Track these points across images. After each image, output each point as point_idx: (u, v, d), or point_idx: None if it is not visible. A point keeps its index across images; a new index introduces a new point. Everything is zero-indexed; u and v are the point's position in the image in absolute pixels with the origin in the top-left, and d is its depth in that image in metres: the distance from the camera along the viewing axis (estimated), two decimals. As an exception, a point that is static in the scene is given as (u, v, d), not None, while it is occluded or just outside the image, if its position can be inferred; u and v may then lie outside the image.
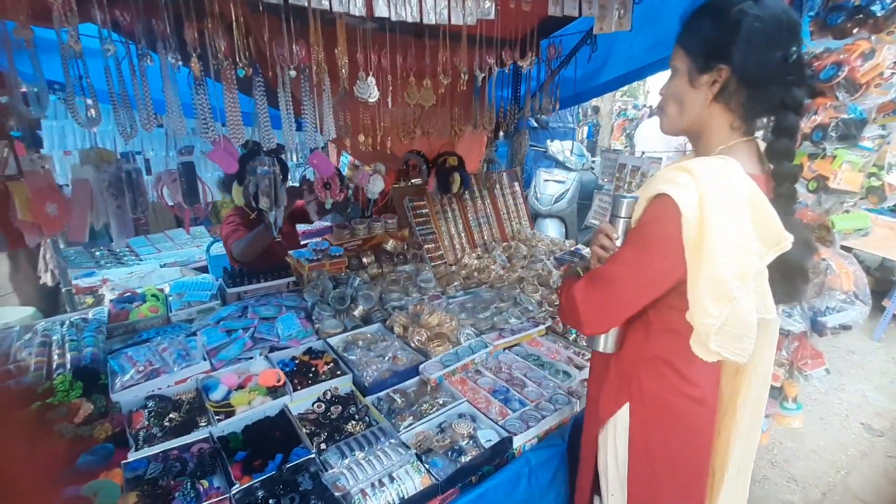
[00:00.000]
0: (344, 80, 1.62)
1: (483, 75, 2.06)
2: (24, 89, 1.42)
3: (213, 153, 1.52)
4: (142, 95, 1.42)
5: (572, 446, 1.48)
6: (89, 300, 3.85)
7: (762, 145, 1.07)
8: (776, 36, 0.94)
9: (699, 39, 1.00)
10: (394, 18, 1.45)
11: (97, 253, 4.57)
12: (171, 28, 1.35)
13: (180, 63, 1.36)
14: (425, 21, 1.49)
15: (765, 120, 1.06)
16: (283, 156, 1.87)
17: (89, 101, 1.40)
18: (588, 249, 1.22)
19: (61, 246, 3.86)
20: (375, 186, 2.29)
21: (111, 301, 2.10)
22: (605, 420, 1.19)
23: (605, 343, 1.17)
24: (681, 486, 1.16)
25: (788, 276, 1.05)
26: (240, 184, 1.78)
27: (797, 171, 1.03)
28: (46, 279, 3.50)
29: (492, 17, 1.61)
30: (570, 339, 2.00)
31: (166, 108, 1.47)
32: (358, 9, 1.40)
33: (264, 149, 1.63)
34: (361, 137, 1.90)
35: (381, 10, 1.43)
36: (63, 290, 3.36)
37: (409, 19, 1.47)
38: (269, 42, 1.49)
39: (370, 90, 1.68)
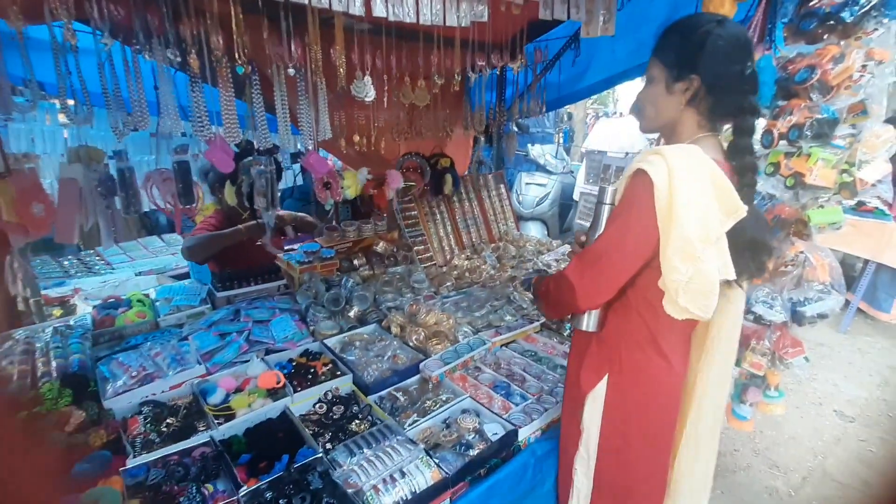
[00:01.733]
0: (341, 79, 1.62)
1: (475, 77, 2.10)
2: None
3: (210, 152, 1.50)
4: (135, 93, 1.39)
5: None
6: (57, 311, 3.68)
7: (724, 143, 1.23)
8: (735, 52, 1.11)
9: (673, 53, 1.16)
10: (391, 19, 1.47)
11: (66, 262, 4.38)
12: (169, 25, 1.33)
13: (178, 59, 1.34)
14: (422, 21, 1.51)
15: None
16: (277, 156, 1.85)
17: (72, 102, 1.36)
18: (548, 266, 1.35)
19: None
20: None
21: (94, 307, 2.02)
22: (587, 392, 1.28)
23: (588, 322, 1.27)
24: (649, 450, 1.29)
25: (755, 251, 1.21)
26: (233, 183, 1.75)
27: (756, 163, 1.20)
28: (17, 290, 3.32)
29: (485, 19, 1.65)
30: (565, 334, 2.04)
31: (159, 107, 1.45)
32: (357, 8, 1.41)
33: (259, 148, 1.62)
34: (356, 137, 1.91)
35: (379, 11, 1.44)
36: (31, 300, 3.21)
37: (407, 20, 1.49)
38: (266, 41, 1.49)
39: (367, 89, 1.69)
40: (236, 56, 1.41)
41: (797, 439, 2.89)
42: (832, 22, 1.62)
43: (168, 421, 1.40)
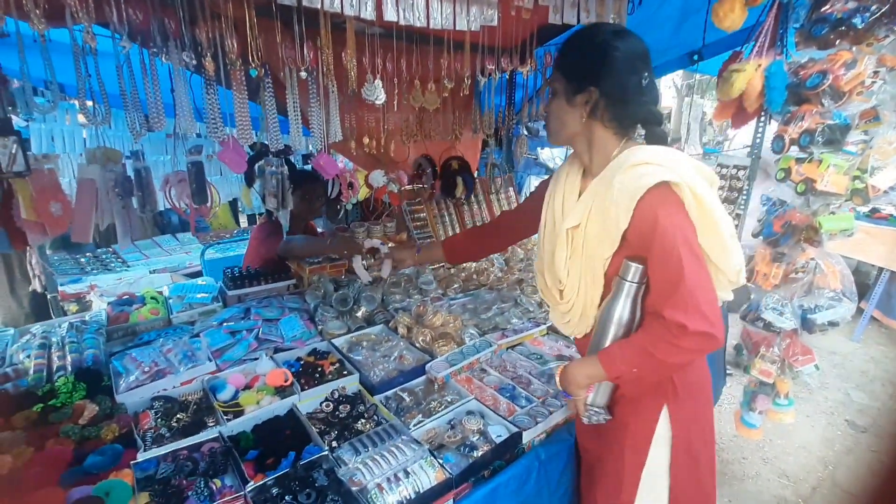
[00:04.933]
0: (352, 82, 1.65)
1: (485, 80, 2.12)
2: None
3: (223, 154, 1.53)
4: (152, 94, 1.42)
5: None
6: (74, 307, 3.76)
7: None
8: (633, 63, 1.09)
9: (573, 65, 1.15)
10: (402, 23, 1.49)
11: (82, 259, 4.47)
12: (185, 28, 1.36)
13: (193, 62, 1.37)
14: (432, 25, 1.53)
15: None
16: (290, 157, 1.88)
17: (91, 104, 1.40)
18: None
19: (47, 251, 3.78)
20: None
21: (109, 303, 2.07)
22: (651, 433, 1.19)
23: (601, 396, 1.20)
24: (711, 457, 1.26)
25: None
26: (249, 185, 1.78)
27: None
28: (36, 286, 3.42)
29: (494, 23, 1.66)
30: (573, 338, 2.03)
31: (175, 108, 1.48)
32: (368, 13, 1.43)
33: (272, 150, 1.65)
34: (366, 140, 1.93)
35: (390, 15, 1.47)
36: (49, 296, 3.28)
37: (417, 24, 1.51)
38: (279, 44, 1.51)
39: (377, 92, 1.71)
40: (250, 59, 1.44)
41: (807, 448, 2.85)
42: (844, 28, 1.61)
43: (178, 416, 1.43)
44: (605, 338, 1.13)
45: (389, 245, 2.01)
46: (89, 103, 1.40)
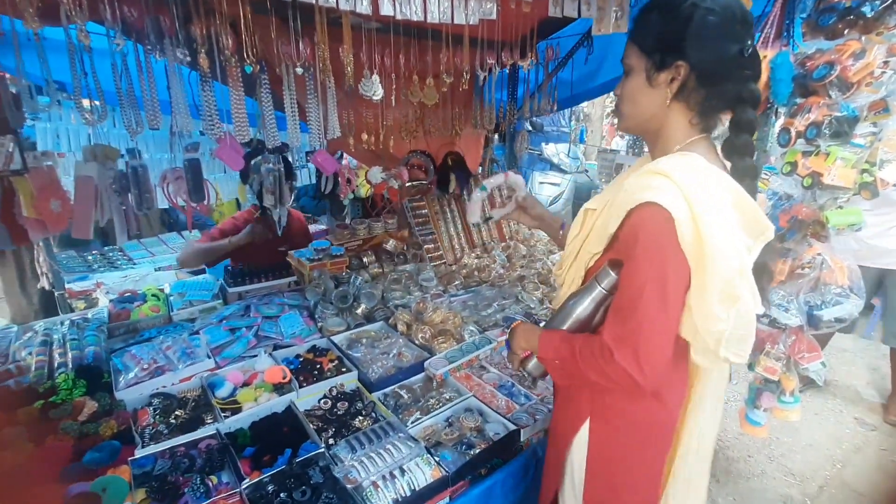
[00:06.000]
0: (349, 77, 1.63)
1: (484, 75, 2.09)
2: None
3: (220, 151, 1.52)
4: (148, 92, 1.42)
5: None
6: (81, 305, 3.80)
7: (716, 144, 1.06)
8: (731, 29, 0.91)
9: (653, 36, 0.96)
10: (399, 17, 1.48)
11: (89, 257, 4.51)
12: (179, 25, 1.36)
13: (188, 59, 1.36)
14: (429, 20, 1.51)
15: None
16: (287, 154, 1.88)
17: (87, 103, 1.40)
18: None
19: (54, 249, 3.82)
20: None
21: (111, 301, 2.08)
22: (570, 440, 1.13)
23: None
24: (637, 494, 1.14)
25: (758, 276, 1.00)
26: (244, 182, 1.78)
27: (758, 167, 1.02)
28: (44, 283, 3.47)
29: (493, 17, 1.64)
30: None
31: (171, 106, 1.48)
32: (364, 7, 1.41)
33: (269, 147, 1.64)
34: (365, 136, 1.92)
35: (386, 9, 1.45)
36: (56, 294, 3.32)
37: (414, 18, 1.50)
38: (275, 40, 1.50)
39: (374, 88, 1.69)
40: (245, 56, 1.43)
41: (815, 447, 2.80)
42: (852, 17, 1.57)
43: (177, 413, 1.44)
44: (561, 324, 1.10)
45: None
46: (86, 102, 1.41)
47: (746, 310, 0.92)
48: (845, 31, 1.62)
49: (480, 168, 3.37)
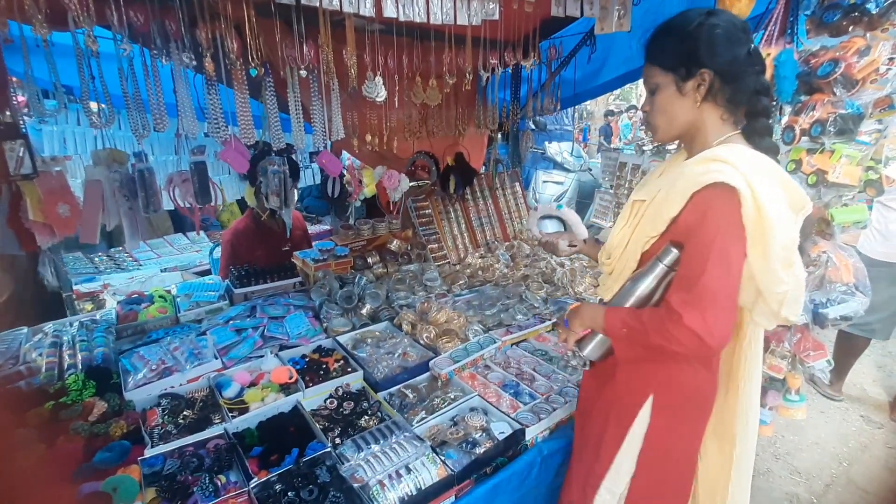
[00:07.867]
0: (353, 79, 1.64)
1: (487, 75, 2.10)
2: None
3: (225, 153, 1.54)
4: (154, 95, 1.43)
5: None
6: (88, 306, 3.84)
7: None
8: (736, 35, 1.09)
9: (673, 55, 1.12)
10: (402, 19, 1.48)
11: (96, 258, 4.55)
12: (185, 29, 1.37)
13: (193, 62, 1.37)
14: (432, 21, 1.52)
15: None
16: (293, 155, 1.89)
17: (95, 106, 1.41)
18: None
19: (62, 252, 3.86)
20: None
21: (119, 302, 2.10)
22: (636, 413, 1.21)
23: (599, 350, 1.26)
24: (684, 459, 1.28)
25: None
26: (251, 184, 1.79)
27: (777, 146, 1.16)
28: (52, 285, 3.50)
29: (496, 17, 1.64)
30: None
31: (177, 109, 1.49)
32: (367, 9, 1.42)
33: (274, 149, 1.65)
34: (368, 137, 1.93)
35: (389, 11, 1.45)
36: (64, 295, 3.35)
37: (417, 19, 1.50)
38: (279, 43, 1.52)
39: (378, 89, 1.70)
40: (250, 59, 1.45)
41: (821, 445, 2.79)
42: (857, 14, 1.57)
43: (185, 413, 1.45)
44: (624, 302, 1.18)
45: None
46: (93, 105, 1.42)
47: (799, 272, 1.08)
48: (850, 28, 1.61)
49: (484, 167, 3.38)
